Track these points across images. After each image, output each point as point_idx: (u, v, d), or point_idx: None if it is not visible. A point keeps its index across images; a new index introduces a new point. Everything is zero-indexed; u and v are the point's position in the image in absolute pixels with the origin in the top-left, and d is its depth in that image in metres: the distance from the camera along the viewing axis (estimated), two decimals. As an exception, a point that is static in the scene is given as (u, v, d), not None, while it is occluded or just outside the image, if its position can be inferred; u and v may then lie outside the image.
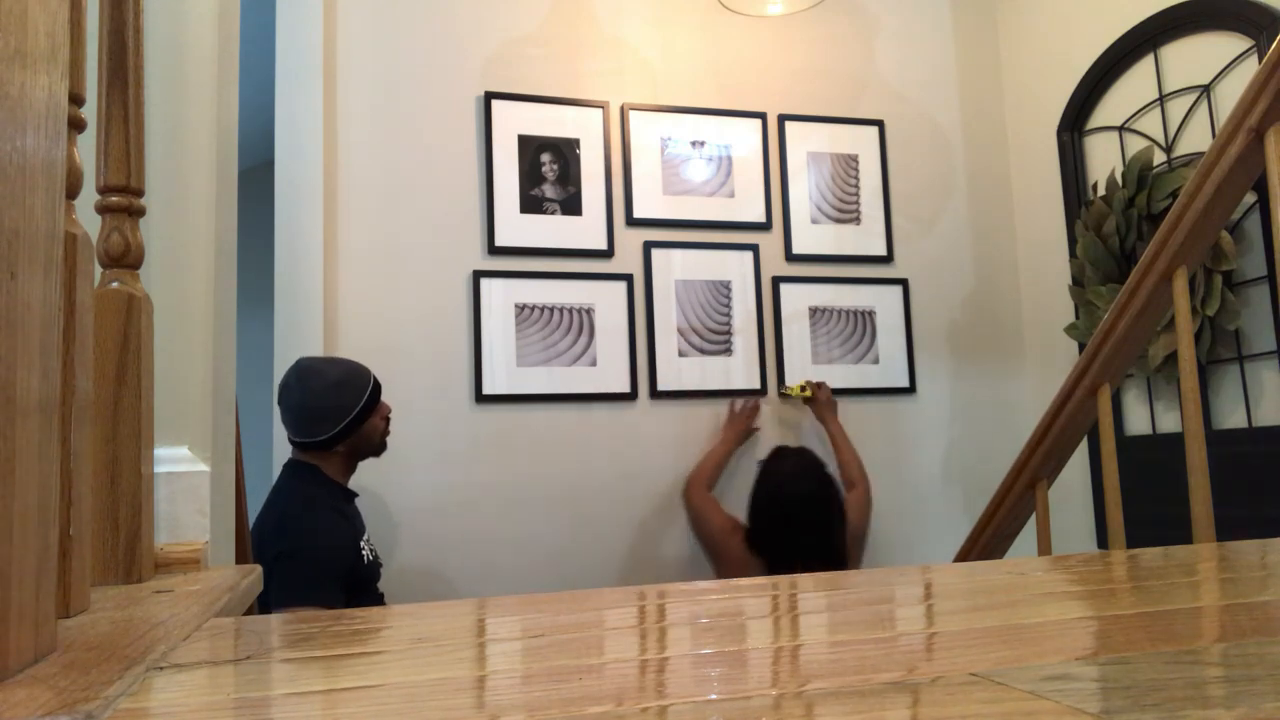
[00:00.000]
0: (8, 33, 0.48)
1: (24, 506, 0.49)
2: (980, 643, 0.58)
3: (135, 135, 0.94)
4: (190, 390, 1.16)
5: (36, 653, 0.51)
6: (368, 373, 2.01)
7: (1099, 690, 0.46)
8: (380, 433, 2.03)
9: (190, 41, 1.22)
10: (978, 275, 2.98)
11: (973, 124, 3.05)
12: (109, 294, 0.91)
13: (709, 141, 2.75)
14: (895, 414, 2.81)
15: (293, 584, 1.73)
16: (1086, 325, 2.62)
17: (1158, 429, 2.51)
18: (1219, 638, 0.59)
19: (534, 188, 2.57)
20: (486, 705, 0.47)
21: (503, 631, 0.72)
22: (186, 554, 1.03)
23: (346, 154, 2.45)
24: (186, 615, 0.71)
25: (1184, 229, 1.52)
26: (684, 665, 0.55)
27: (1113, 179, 2.57)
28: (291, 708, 0.47)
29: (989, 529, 1.97)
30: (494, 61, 2.61)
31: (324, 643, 0.66)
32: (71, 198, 0.78)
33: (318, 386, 1.93)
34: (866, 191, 2.88)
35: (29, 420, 0.50)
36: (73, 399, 0.71)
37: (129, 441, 0.90)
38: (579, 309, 2.56)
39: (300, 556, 1.78)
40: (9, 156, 0.48)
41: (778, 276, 2.75)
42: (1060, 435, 1.79)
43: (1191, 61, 2.44)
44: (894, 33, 3.01)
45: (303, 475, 1.95)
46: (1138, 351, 1.71)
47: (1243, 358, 2.26)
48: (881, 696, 0.45)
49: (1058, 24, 2.88)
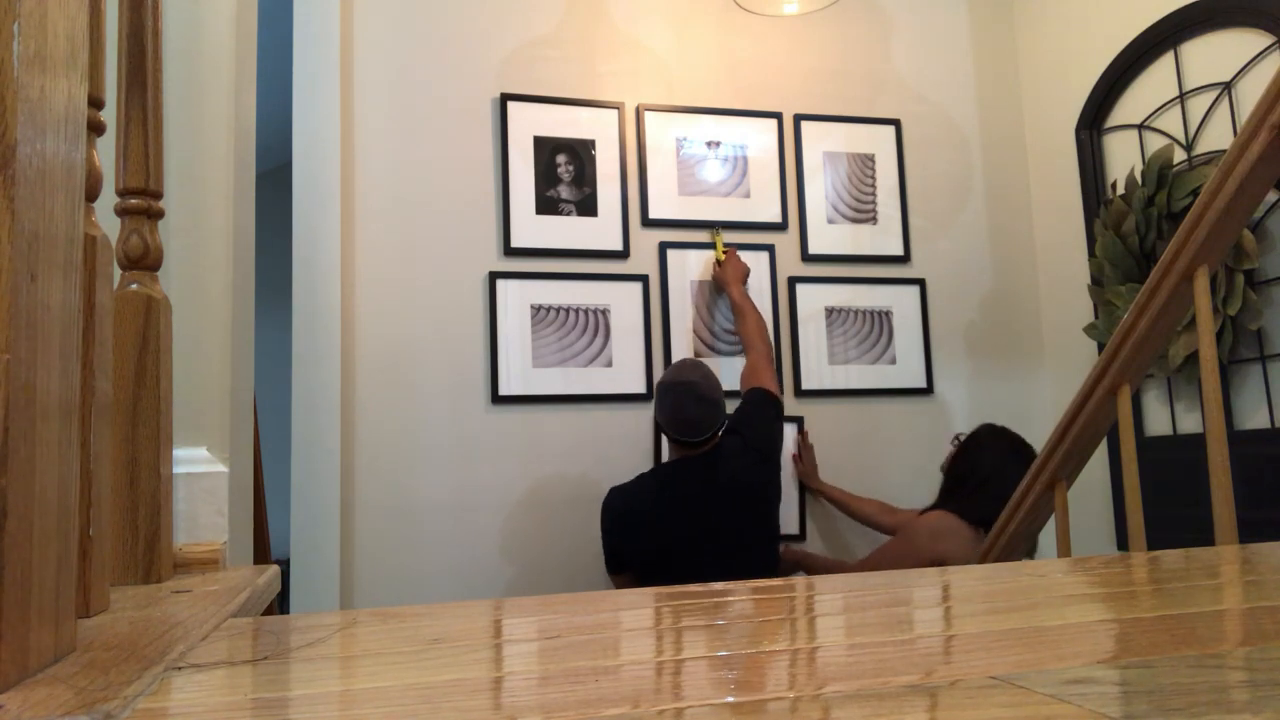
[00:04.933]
0: (28, 37, 0.48)
1: (44, 507, 0.49)
2: (1000, 645, 0.57)
3: (154, 138, 0.95)
4: (209, 391, 1.17)
5: (56, 652, 0.51)
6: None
7: (1121, 694, 0.46)
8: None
9: (208, 45, 1.22)
10: (996, 275, 2.96)
11: (990, 123, 3.04)
12: (128, 296, 0.92)
13: (724, 142, 2.75)
14: (912, 415, 2.80)
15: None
16: (1106, 325, 2.60)
17: (1178, 430, 2.48)
18: (1242, 641, 0.58)
19: (549, 189, 2.58)
20: (503, 706, 0.47)
21: (519, 632, 0.72)
22: (205, 554, 1.04)
23: (364, 156, 2.47)
24: (205, 615, 0.71)
25: (1205, 228, 1.51)
26: (700, 667, 0.55)
27: (1132, 177, 2.55)
28: (308, 708, 0.48)
29: (1008, 530, 1.95)
30: (510, 63, 2.62)
31: (341, 643, 0.66)
32: (91, 200, 0.79)
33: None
34: (883, 191, 2.87)
35: (49, 421, 0.51)
36: (92, 400, 0.71)
37: (148, 442, 0.91)
38: (594, 310, 2.56)
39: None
40: (29, 159, 0.48)
41: (794, 277, 2.74)
42: (1080, 436, 1.78)
43: (1212, 59, 2.42)
44: (910, 31, 2.99)
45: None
46: (1158, 352, 1.69)
47: (1265, 357, 2.23)
48: (900, 700, 0.45)
49: (1076, 21, 2.86)
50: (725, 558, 2.08)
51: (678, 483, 2.16)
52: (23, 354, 0.47)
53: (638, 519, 2.13)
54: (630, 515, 2.14)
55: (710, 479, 2.14)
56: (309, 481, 2.28)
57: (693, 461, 2.18)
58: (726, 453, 2.17)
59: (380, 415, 2.38)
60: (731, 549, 2.09)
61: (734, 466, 2.14)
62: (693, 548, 2.07)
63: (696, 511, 2.10)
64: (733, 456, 2.16)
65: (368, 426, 2.36)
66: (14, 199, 0.46)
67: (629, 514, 2.15)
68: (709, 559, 2.06)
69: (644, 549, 2.11)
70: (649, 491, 2.16)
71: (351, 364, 2.37)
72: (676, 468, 2.20)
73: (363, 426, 2.36)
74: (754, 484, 2.15)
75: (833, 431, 2.70)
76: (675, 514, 2.10)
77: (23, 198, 0.47)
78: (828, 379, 2.72)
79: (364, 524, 2.33)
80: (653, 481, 2.19)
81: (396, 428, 2.39)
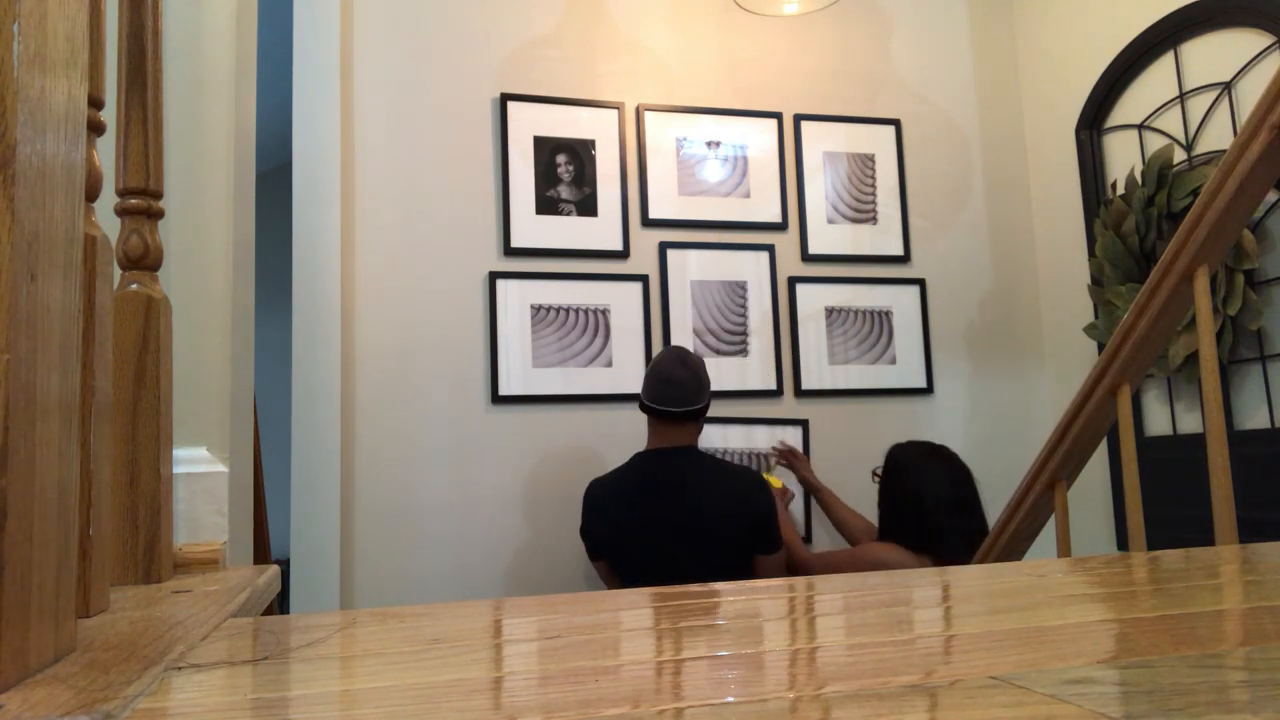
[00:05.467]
0: (28, 37, 0.48)
1: (44, 506, 0.49)
2: (1000, 645, 0.57)
3: (154, 138, 0.95)
4: (209, 391, 1.17)
5: (56, 652, 0.51)
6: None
7: (1121, 694, 0.46)
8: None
9: (208, 46, 1.22)
10: (996, 275, 2.96)
11: (990, 123, 3.04)
12: (128, 296, 0.92)
13: (724, 142, 2.75)
14: (912, 415, 2.80)
15: (777, 535, 2.11)
16: (1106, 325, 2.60)
17: (1178, 430, 2.48)
18: (1242, 641, 0.58)
19: (549, 189, 2.58)
20: (503, 706, 0.47)
21: (519, 632, 0.72)
22: (205, 554, 1.04)
23: (363, 156, 2.47)
24: (205, 615, 0.71)
25: (1205, 227, 1.51)
26: (700, 667, 0.55)
27: (1132, 177, 2.55)
28: (308, 708, 0.48)
29: (1008, 530, 1.95)
30: (510, 63, 2.62)
31: (341, 643, 0.66)
32: (91, 200, 0.79)
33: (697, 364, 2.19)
34: (883, 191, 2.87)
35: (49, 421, 0.51)
36: (92, 400, 0.71)
37: (148, 442, 0.91)
38: (594, 310, 2.56)
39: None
40: (29, 159, 0.48)
41: (794, 277, 2.74)
42: (1080, 436, 1.78)
43: (1212, 58, 2.42)
44: (910, 32, 2.99)
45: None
46: (1158, 352, 1.69)
47: (1265, 358, 2.23)
48: (900, 699, 0.45)
49: (1076, 21, 2.86)
50: (700, 544, 2.04)
51: (656, 470, 2.11)
52: (23, 354, 0.47)
53: (612, 505, 2.11)
54: (603, 501, 2.13)
55: (693, 472, 2.10)
56: (309, 481, 2.28)
57: (673, 454, 2.13)
58: (715, 472, 2.13)
59: (380, 415, 2.38)
60: (707, 536, 2.06)
61: (715, 483, 2.11)
62: (668, 535, 2.04)
63: (673, 499, 2.07)
64: (725, 480, 2.12)
65: (368, 426, 2.36)
66: (14, 199, 0.46)
67: (603, 500, 2.13)
68: (684, 546, 2.03)
69: (616, 535, 2.09)
70: (627, 479, 2.13)
71: (351, 364, 2.37)
72: (654, 457, 2.14)
73: (363, 426, 2.36)
74: (728, 512, 2.10)
75: (833, 431, 2.70)
76: (651, 501, 2.07)
77: (23, 198, 0.47)
78: (828, 379, 2.72)
79: (364, 524, 2.33)
80: (630, 470, 2.15)
81: (396, 428, 2.39)
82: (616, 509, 2.10)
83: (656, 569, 2.02)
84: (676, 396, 2.11)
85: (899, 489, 2.20)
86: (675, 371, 2.13)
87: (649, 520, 2.05)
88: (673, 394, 2.11)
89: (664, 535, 2.04)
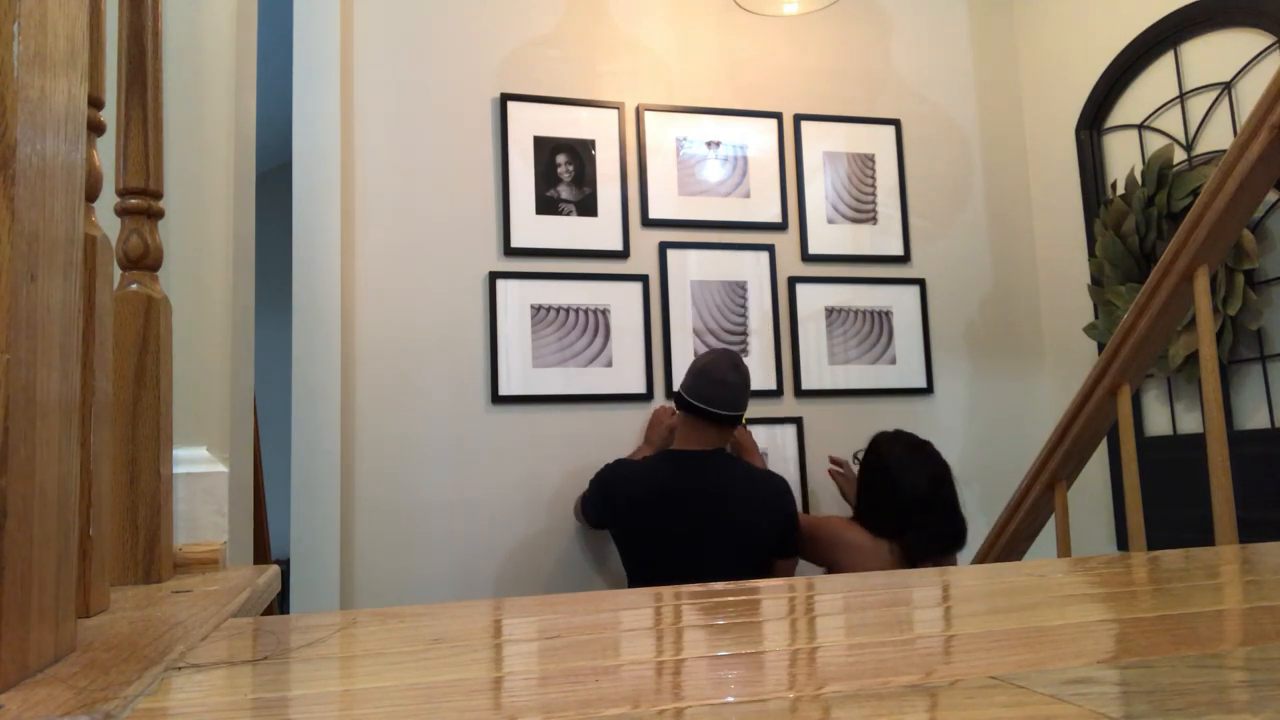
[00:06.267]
0: (28, 37, 0.48)
1: (44, 506, 0.49)
2: (1000, 645, 0.57)
3: (154, 138, 0.95)
4: (209, 391, 1.17)
5: (56, 652, 0.51)
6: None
7: (1121, 694, 0.46)
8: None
9: (208, 45, 1.22)
10: (996, 275, 2.96)
11: (990, 122, 3.04)
12: (128, 296, 0.92)
13: (724, 142, 2.75)
14: (912, 415, 2.80)
15: (796, 538, 2.17)
16: (1106, 325, 2.60)
17: (1178, 430, 2.48)
18: (1243, 641, 0.58)
19: (549, 189, 2.58)
20: (503, 706, 0.47)
21: (519, 632, 0.72)
22: (205, 554, 1.04)
23: (363, 156, 2.47)
24: (204, 615, 0.71)
25: (1205, 227, 1.51)
26: (700, 667, 0.55)
27: (1132, 177, 2.55)
28: (308, 708, 0.48)
29: (1008, 530, 1.95)
30: (510, 63, 2.62)
31: (341, 643, 0.66)
32: (91, 200, 0.79)
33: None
34: (883, 191, 2.87)
35: (49, 421, 0.51)
36: (92, 400, 0.71)
37: (148, 442, 0.91)
38: (595, 310, 2.56)
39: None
40: (29, 159, 0.48)
41: (794, 277, 2.74)
42: (1080, 436, 1.78)
43: (1212, 59, 2.42)
44: (910, 32, 2.99)
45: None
46: (1158, 352, 1.69)
47: (1265, 357, 2.23)
48: (900, 699, 0.45)
49: (1076, 21, 2.86)
50: (727, 548, 2.06)
51: (690, 472, 2.13)
52: (23, 354, 0.47)
53: (642, 498, 2.11)
54: (632, 494, 2.13)
55: (727, 477, 2.12)
56: (309, 481, 2.28)
57: (708, 457, 2.15)
58: (746, 478, 2.16)
59: (380, 415, 2.38)
60: (735, 541, 2.08)
61: (747, 491, 2.13)
62: (698, 538, 2.06)
63: (706, 503, 2.08)
64: (756, 486, 2.15)
65: (368, 426, 2.36)
66: (14, 199, 0.46)
67: (632, 492, 2.13)
68: (712, 550, 2.05)
69: (640, 527, 2.10)
70: (660, 474, 2.14)
71: (351, 364, 2.37)
72: (688, 458, 2.15)
73: (363, 426, 2.36)
74: (759, 520, 2.13)
75: (833, 431, 2.70)
76: (684, 503, 2.08)
77: (23, 198, 0.47)
78: (828, 379, 2.72)
79: (364, 524, 2.33)
80: (662, 467, 2.16)
81: (396, 428, 2.39)
82: (646, 502, 2.12)
83: (680, 569, 2.03)
84: (727, 400, 2.15)
85: (877, 477, 2.20)
86: (729, 375, 2.16)
87: (679, 520, 2.08)
88: (724, 397, 2.15)
89: (693, 538, 2.06)
